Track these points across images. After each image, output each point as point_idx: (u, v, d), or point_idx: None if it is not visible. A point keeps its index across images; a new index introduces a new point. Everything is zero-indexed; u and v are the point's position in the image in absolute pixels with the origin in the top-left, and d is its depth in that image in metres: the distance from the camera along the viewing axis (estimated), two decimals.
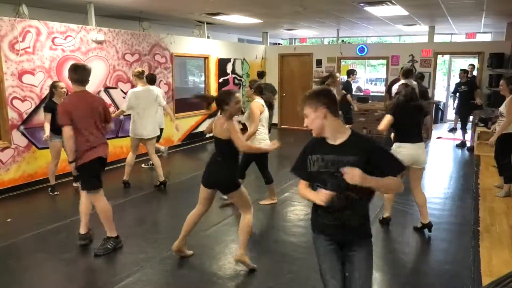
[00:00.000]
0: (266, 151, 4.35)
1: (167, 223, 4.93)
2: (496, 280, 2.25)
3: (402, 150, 4.19)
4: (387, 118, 4.25)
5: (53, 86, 5.51)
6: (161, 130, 7.08)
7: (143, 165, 7.41)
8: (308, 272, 3.59)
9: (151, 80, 6.75)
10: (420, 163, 4.31)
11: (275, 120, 11.91)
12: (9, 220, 4.90)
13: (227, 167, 3.49)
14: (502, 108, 5.51)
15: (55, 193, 5.75)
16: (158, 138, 6.71)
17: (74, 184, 5.99)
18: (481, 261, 3.77)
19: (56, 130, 5.45)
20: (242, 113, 4.59)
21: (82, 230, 4.12)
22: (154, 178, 6.32)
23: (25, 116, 5.87)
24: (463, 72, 9.22)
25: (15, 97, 5.74)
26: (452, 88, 11.74)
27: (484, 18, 8.85)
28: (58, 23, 6.28)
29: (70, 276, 3.69)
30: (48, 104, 5.50)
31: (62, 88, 5.50)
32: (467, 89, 8.94)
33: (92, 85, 6.84)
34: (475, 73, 10.10)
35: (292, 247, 4.16)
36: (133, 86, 7.35)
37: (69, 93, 5.92)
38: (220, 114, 3.48)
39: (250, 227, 3.60)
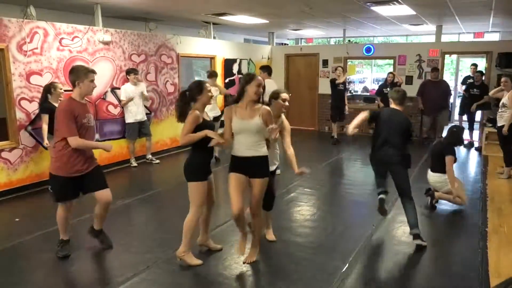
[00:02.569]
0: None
1: (174, 223, 4.93)
2: (506, 280, 2.22)
3: None
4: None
5: (52, 87, 5.57)
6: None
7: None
8: (314, 272, 3.58)
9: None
10: None
11: None
12: (17, 220, 4.94)
13: (188, 156, 3.64)
14: (505, 100, 6.22)
15: None
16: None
17: None
18: (489, 262, 3.74)
19: (53, 131, 5.50)
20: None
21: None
22: (160, 178, 6.32)
23: (32, 116, 5.92)
24: (480, 74, 9.13)
25: (23, 98, 5.79)
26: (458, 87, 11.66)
27: (492, 17, 8.77)
28: (65, 24, 6.33)
29: (76, 276, 3.71)
30: (46, 105, 5.54)
31: (61, 89, 5.61)
32: (479, 92, 8.87)
33: (99, 86, 6.87)
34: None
35: (298, 247, 4.15)
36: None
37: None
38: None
39: (190, 227, 3.61)
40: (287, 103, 3.84)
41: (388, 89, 9.11)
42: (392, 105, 4.39)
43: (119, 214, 5.02)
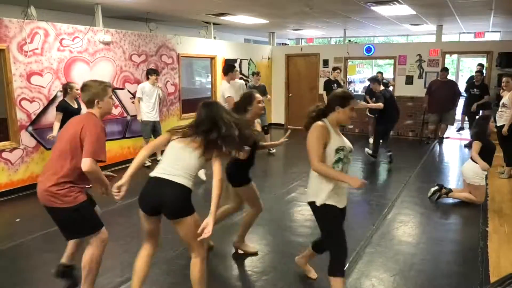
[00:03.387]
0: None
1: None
2: (499, 280, 2.22)
3: None
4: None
5: (69, 87, 5.69)
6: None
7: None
8: (315, 272, 3.58)
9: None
10: None
11: (280, 120, 11.91)
12: (18, 220, 4.95)
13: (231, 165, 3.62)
14: (505, 100, 6.25)
15: None
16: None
17: None
18: (490, 262, 3.74)
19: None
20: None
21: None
22: None
23: (33, 117, 5.93)
24: (480, 74, 9.13)
25: (23, 98, 5.80)
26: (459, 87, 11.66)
27: (492, 17, 8.77)
28: (66, 24, 6.33)
29: (77, 276, 3.70)
30: (61, 103, 5.66)
31: (77, 89, 5.67)
32: (479, 92, 8.91)
33: None
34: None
35: (299, 247, 4.15)
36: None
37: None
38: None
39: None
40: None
41: None
42: (381, 87, 7.32)
43: (119, 214, 5.03)
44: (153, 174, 2.84)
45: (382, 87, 7.36)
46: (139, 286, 2.91)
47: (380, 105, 7.15)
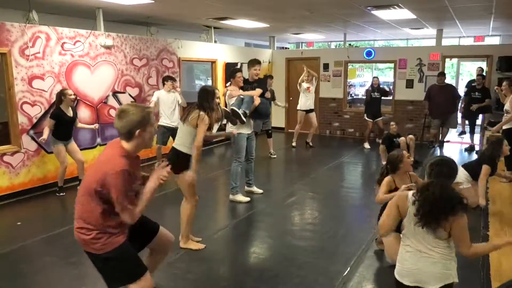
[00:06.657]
0: None
1: (175, 226, 4.94)
2: (507, 282, 2.22)
3: None
4: None
5: (62, 94, 5.69)
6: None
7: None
8: (316, 276, 3.58)
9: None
10: None
11: (281, 124, 11.92)
12: (19, 223, 4.95)
13: None
14: (507, 106, 6.22)
15: (61, 193, 5.91)
16: None
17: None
18: (491, 266, 3.73)
19: (59, 136, 5.71)
20: None
21: None
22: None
23: (34, 120, 5.94)
24: (482, 78, 9.13)
25: (25, 102, 5.82)
26: (460, 90, 11.70)
27: (492, 21, 8.80)
28: (67, 28, 6.36)
29: (78, 280, 3.70)
30: (56, 111, 5.68)
31: (71, 95, 5.75)
32: (480, 96, 8.88)
33: (101, 90, 6.92)
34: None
35: (300, 251, 4.16)
36: (141, 91, 7.55)
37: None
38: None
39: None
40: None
41: (376, 93, 9.33)
42: None
43: None
44: None
45: None
46: None
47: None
